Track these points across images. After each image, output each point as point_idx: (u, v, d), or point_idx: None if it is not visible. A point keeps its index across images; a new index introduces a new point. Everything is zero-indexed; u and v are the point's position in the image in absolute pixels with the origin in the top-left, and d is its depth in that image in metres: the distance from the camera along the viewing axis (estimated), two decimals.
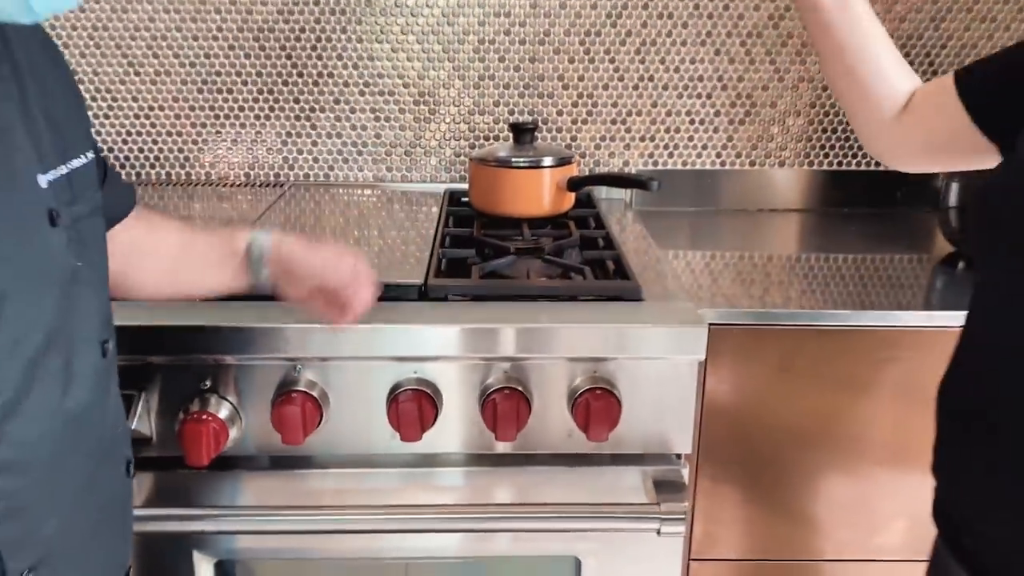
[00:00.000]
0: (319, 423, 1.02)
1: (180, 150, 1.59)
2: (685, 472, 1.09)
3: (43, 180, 0.67)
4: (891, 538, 1.20)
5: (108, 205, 0.81)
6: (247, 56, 1.53)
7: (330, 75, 1.55)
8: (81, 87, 1.53)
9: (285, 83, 1.55)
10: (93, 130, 1.53)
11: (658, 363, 1.04)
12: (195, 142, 1.58)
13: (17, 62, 0.67)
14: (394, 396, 1.03)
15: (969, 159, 0.90)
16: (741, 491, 1.20)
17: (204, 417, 1.01)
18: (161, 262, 0.93)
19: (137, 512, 1.01)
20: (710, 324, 1.09)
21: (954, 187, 1.37)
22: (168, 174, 1.60)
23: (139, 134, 1.57)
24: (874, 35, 0.94)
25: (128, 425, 0.88)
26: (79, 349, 0.71)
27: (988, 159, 0.87)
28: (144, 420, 1.03)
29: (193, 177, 1.60)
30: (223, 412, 1.02)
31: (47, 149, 0.69)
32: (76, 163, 0.73)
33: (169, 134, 1.58)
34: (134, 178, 1.59)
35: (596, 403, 1.03)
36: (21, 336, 0.64)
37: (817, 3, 0.94)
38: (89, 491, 0.75)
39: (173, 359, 1.02)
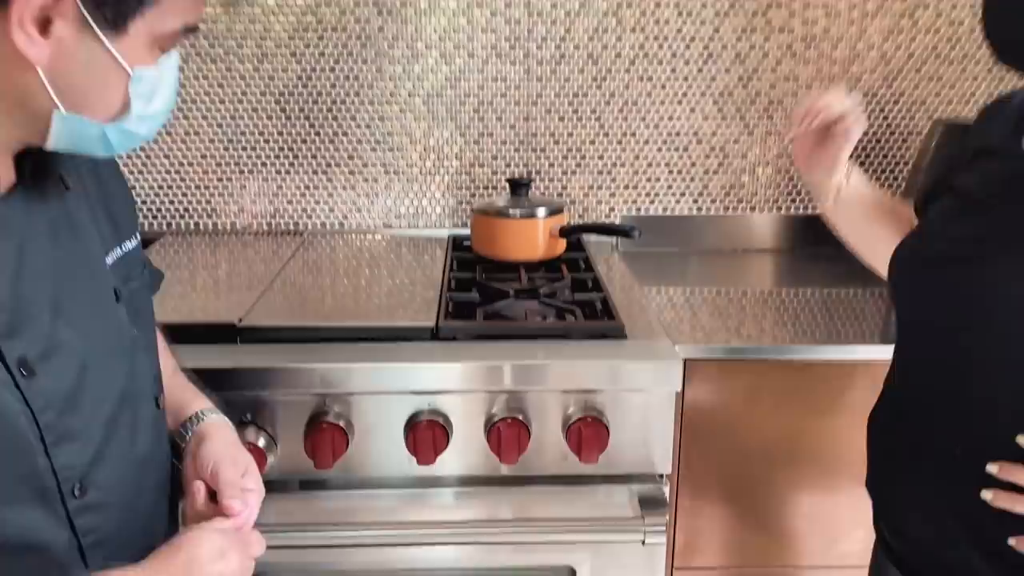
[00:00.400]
0: (346, 450, 1.17)
1: (208, 202, 1.74)
2: (666, 490, 1.24)
3: (107, 262, 0.81)
4: (852, 546, 1.35)
5: (150, 275, 0.93)
6: (269, 117, 1.69)
7: (344, 134, 1.71)
8: (132, 157, 1.68)
9: (304, 141, 1.71)
10: (136, 183, 1.68)
11: (641, 394, 1.19)
12: (221, 195, 1.74)
13: (82, 162, 0.80)
14: (411, 425, 1.17)
15: None
16: (718, 506, 1.35)
17: (247, 444, 1.15)
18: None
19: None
20: (686, 359, 1.25)
21: None
22: (196, 224, 1.75)
23: (170, 188, 1.73)
24: (868, 234, 1.08)
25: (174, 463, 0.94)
26: (141, 405, 0.83)
27: None
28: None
29: (219, 227, 1.76)
30: (261, 441, 1.17)
31: (107, 234, 0.82)
32: (128, 245, 0.86)
33: (198, 187, 1.73)
34: (165, 228, 1.74)
35: (587, 430, 1.18)
36: (101, 398, 0.76)
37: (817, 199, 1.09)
38: (152, 524, 0.87)
39: (217, 395, 1.17)
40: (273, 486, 1.21)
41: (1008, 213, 0.83)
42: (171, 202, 1.74)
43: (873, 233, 1.07)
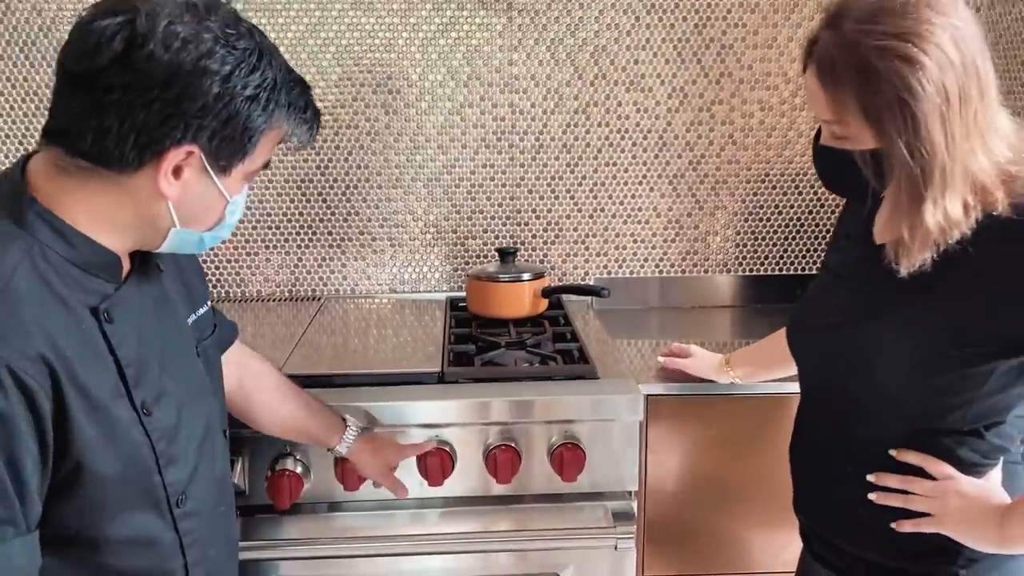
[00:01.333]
0: None
1: (237, 273, 2.01)
2: (634, 504, 1.49)
3: (189, 322, 1.06)
4: (793, 553, 1.59)
5: (222, 337, 1.18)
6: (291, 200, 1.98)
7: (356, 213, 2.00)
8: None
9: (321, 220, 2.00)
10: None
11: (611, 424, 1.45)
12: (248, 267, 2.01)
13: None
14: (423, 454, 1.43)
15: None
16: (678, 520, 1.59)
17: (286, 473, 1.40)
18: (269, 405, 1.30)
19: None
20: (648, 395, 1.52)
21: None
22: (226, 292, 2.02)
23: (204, 262, 2.00)
24: (783, 371, 1.42)
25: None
26: (216, 436, 1.07)
27: None
28: (242, 477, 1.42)
29: (246, 294, 2.02)
30: (299, 468, 1.42)
31: (185, 301, 1.07)
32: (201, 311, 1.10)
33: (228, 261, 2.00)
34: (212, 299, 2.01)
35: (568, 454, 1.43)
36: (192, 431, 0.99)
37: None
38: (227, 530, 1.11)
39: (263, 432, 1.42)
40: (307, 508, 1.46)
41: (867, 289, 1.07)
42: (206, 275, 2.00)
43: (785, 369, 1.39)
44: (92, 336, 0.86)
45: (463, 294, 1.94)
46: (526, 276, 1.81)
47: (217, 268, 2.01)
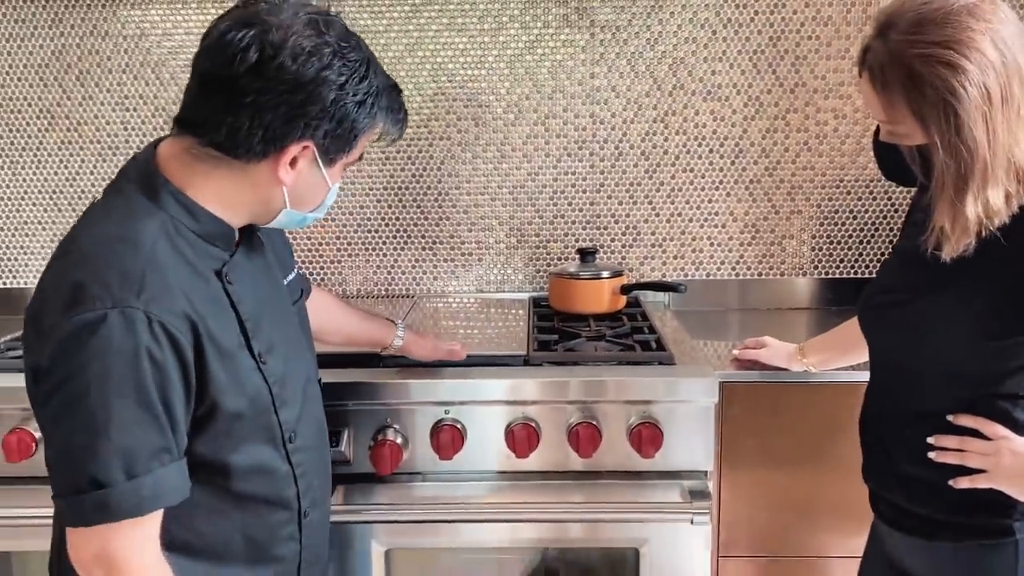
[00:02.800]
0: (462, 446, 1.54)
1: (339, 272, 2.19)
2: (710, 484, 1.57)
3: (285, 283, 1.22)
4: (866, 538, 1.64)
5: (305, 290, 1.34)
6: (389, 206, 2.15)
7: (447, 218, 2.15)
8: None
9: (415, 224, 2.16)
10: None
11: (687, 405, 1.54)
12: (349, 267, 2.18)
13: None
14: (510, 428, 1.54)
15: None
16: (752, 500, 1.66)
17: (387, 442, 1.54)
18: (334, 321, 1.50)
19: (334, 511, 1.51)
20: (722, 381, 1.60)
21: None
22: (330, 289, 2.19)
23: (310, 262, 2.18)
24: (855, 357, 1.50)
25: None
26: (313, 384, 1.22)
27: None
28: (347, 447, 1.56)
29: (348, 292, 2.19)
30: (399, 440, 1.55)
31: (280, 267, 1.22)
32: (291, 276, 1.26)
33: (331, 262, 2.18)
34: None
35: (646, 432, 1.53)
36: (297, 378, 1.13)
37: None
38: (326, 466, 1.23)
39: (366, 404, 1.56)
40: (406, 477, 1.59)
41: (926, 266, 1.13)
42: (310, 273, 2.19)
43: (859, 355, 1.46)
44: (218, 295, 1.01)
45: (545, 294, 2.06)
46: (605, 273, 1.92)
47: (321, 268, 2.18)
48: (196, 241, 1.00)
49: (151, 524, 0.95)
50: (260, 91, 0.95)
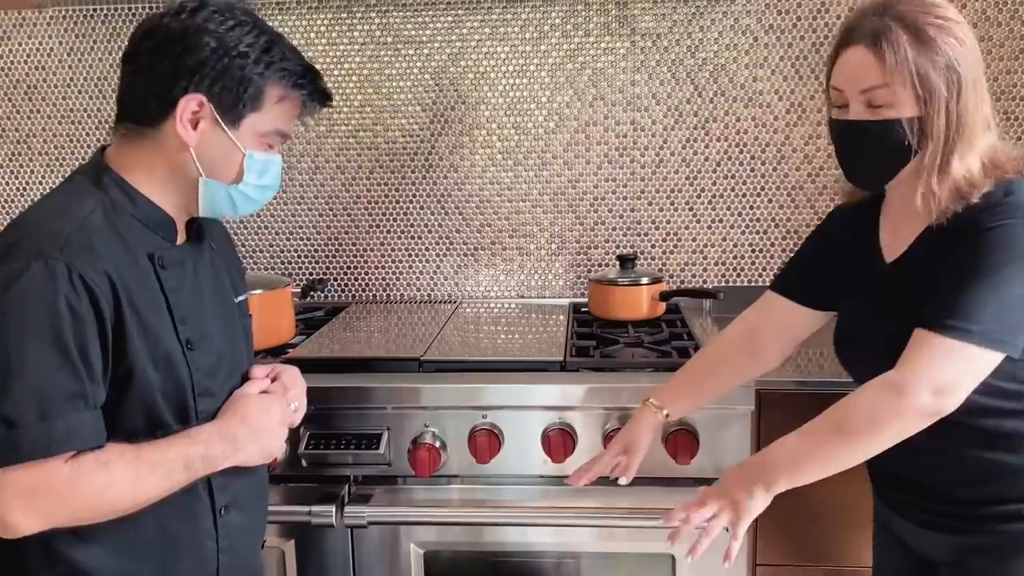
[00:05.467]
0: (499, 450, 1.57)
1: (383, 279, 2.24)
2: None
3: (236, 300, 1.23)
4: None
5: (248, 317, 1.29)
6: (432, 213, 2.19)
7: (489, 225, 2.19)
8: (320, 242, 2.21)
9: (457, 231, 2.20)
10: (330, 265, 2.19)
11: (724, 412, 1.55)
12: (392, 273, 2.23)
13: (219, 239, 1.22)
14: (546, 433, 1.57)
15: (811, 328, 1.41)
16: (790, 507, 1.65)
17: (426, 446, 1.57)
18: None
19: (371, 511, 1.57)
20: (758, 388, 1.60)
21: None
22: (375, 295, 2.24)
23: (356, 269, 2.23)
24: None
25: None
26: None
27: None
28: (387, 449, 1.60)
29: (392, 297, 2.24)
30: (437, 443, 1.59)
31: (232, 286, 1.23)
32: (240, 298, 1.25)
33: (375, 267, 2.23)
34: (351, 299, 2.24)
35: (682, 439, 1.54)
36: (228, 377, 1.14)
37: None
38: (257, 475, 1.20)
39: (405, 408, 1.60)
40: (444, 480, 1.62)
41: (899, 302, 1.17)
42: (356, 280, 2.24)
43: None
44: (148, 275, 1.03)
45: (585, 299, 2.08)
46: (645, 280, 1.93)
47: (366, 274, 2.24)
48: (134, 224, 1.05)
49: (61, 460, 0.94)
50: (148, 51, 1.03)
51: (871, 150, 1.13)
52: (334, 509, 1.56)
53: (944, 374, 1.05)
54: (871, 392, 1.08)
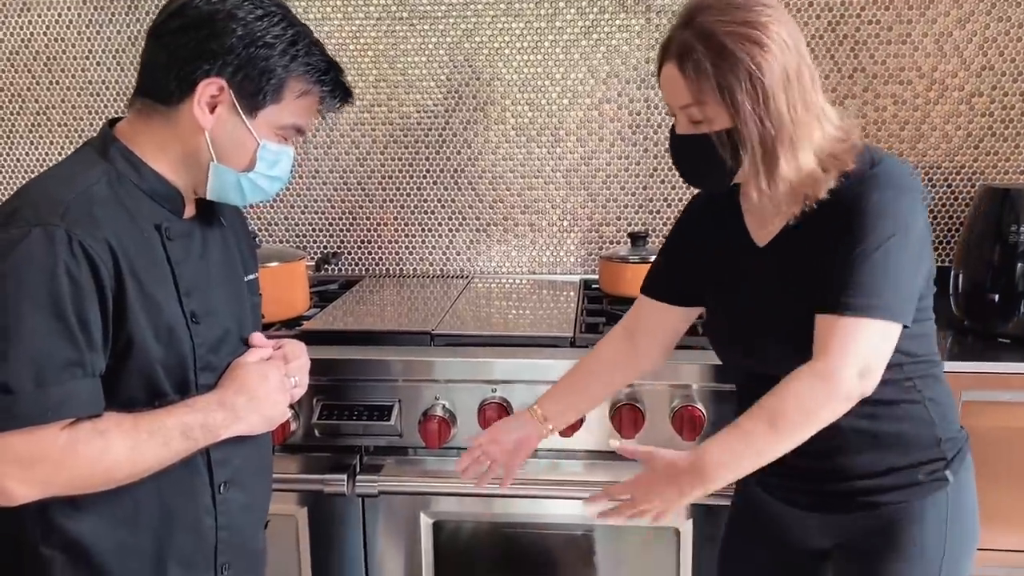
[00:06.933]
0: None
1: (396, 253, 2.26)
2: None
3: (245, 279, 1.23)
4: None
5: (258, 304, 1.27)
6: (445, 189, 2.20)
7: (501, 201, 2.20)
8: (335, 216, 2.24)
9: (470, 207, 2.21)
10: (344, 239, 2.21)
11: (729, 389, 1.56)
12: (406, 248, 2.25)
13: (229, 216, 1.21)
14: None
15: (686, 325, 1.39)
16: None
17: (436, 418, 1.60)
18: None
19: (383, 481, 1.60)
20: None
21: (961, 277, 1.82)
22: (388, 269, 2.27)
23: (370, 243, 2.26)
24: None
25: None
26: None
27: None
28: (398, 421, 1.63)
29: (404, 271, 2.27)
30: (447, 415, 1.62)
31: (242, 263, 1.21)
32: (251, 276, 1.23)
33: (388, 242, 2.25)
34: (365, 273, 2.27)
35: (688, 415, 1.56)
36: (232, 353, 1.12)
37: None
38: (259, 456, 1.18)
39: (416, 380, 1.63)
40: (454, 452, 1.65)
41: (776, 286, 1.19)
42: (370, 254, 2.27)
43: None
44: (153, 246, 1.03)
45: (596, 276, 2.09)
46: (654, 257, 1.93)
47: (379, 248, 2.26)
48: (140, 195, 1.04)
49: (58, 428, 0.94)
50: (175, 30, 1.02)
51: (697, 162, 1.16)
52: (346, 478, 1.60)
53: (863, 354, 1.06)
54: (799, 384, 1.07)
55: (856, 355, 1.05)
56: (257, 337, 1.17)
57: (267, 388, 1.10)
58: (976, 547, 1.24)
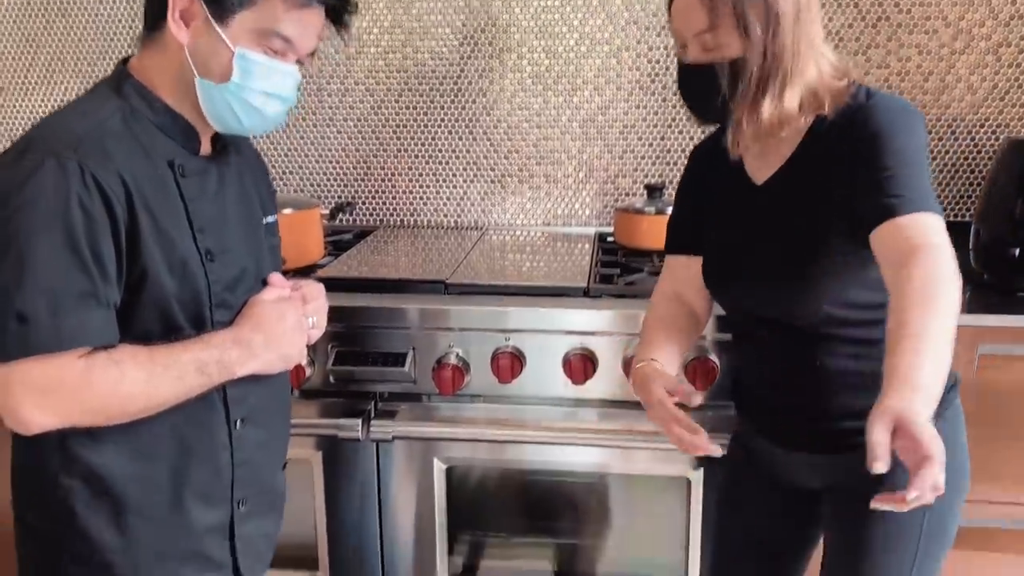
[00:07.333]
0: (521, 371, 1.61)
1: (411, 203, 2.25)
2: None
3: (264, 221, 1.23)
4: None
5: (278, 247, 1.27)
6: (459, 139, 2.19)
7: (516, 151, 2.18)
8: (349, 165, 2.23)
9: (485, 157, 2.20)
10: (358, 188, 2.21)
11: None
12: (420, 199, 2.25)
13: (245, 151, 1.22)
14: (567, 357, 1.59)
15: None
16: None
17: (449, 365, 1.61)
18: None
19: (397, 426, 1.62)
20: None
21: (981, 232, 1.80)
22: (402, 220, 2.26)
23: (383, 194, 2.25)
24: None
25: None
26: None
27: None
28: (411, 368, 1.64)
29: (419, 222, 2.26)
30: (460, 363, 1.63)
31: (260, 204, 1.21)
32: (270, 219, 1.24)
33: (402, 192, 2.25)
34: (379, 223, 2.27)
35: (700, 366, 1.56)
36: (248, 292, 1.12)
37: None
38: (275, 395, 1.20)
39: (431, 328, 1.63)
40: (466, 399, 1.67)
41: (778, 224, 1.20)
42: (384, 204, 2.26)
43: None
44: (167, 182, 1.03)
45: (611, 229, 2.08)
46: (671, 209, 1.92)
47: (394, 198, 2.25)
48: (154, 131, 1.04)
49: (74, 357, 0.95)
50: None
51: (704, 91, 1.16)
52: (360, 423, 1.61)
53: (946, 239, 1.04)
54: (930, 266, 0.99)
55: (941, 234, 1.04)
56: (275, 277, 1.17)
57: (283, 326, 1.10)
58: (966, 491, 1.23)
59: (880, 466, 0.92)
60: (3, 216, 0.94)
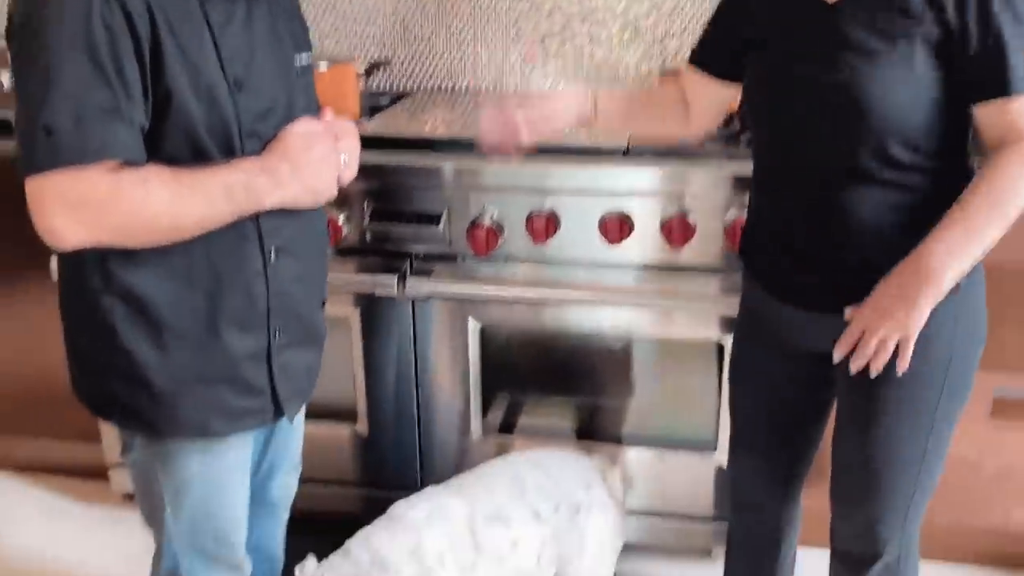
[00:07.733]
0: (556, 231, 1.59)
1: (448, 66, 2.18)
2: None
3: (297, 64, 1.19)
4: None
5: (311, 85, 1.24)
6: None
7: (559, 9, 2.08)
8: (387, 26, 2.16)
9: (526, 17, 2.10)
10: (396, 50, 2.15)
11: None
12: (458, 60, 2.17)
13: None
14: (603, 218, 1.57)
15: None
16: None
17: (484, 226, 1.60)
18: None
19: (432, 285, 1.63)
20: None
21: None
22: (439, 85, 2.21)
23: (421, 54, 2.19)
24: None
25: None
26: None
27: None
28: (445, 228, 1.64)
29: (457, 87, 2.20)
30: (495, 225, 1.61)
31: (292, 41, 1.17)
32: (304, 55, 1.20)
33: (440, 54, 2.18)
34: (415, 87, 2.22)
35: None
36: (281, 126, 1.10)
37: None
38: (308, 220, 1.17)
39: (464, 189, 1.62)
40: (500, 260, 1.66)
41: (845, 42, 1.10)
42: (422, 67, 2.20)
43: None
44: (193, 8, 1.02)
45: None
46: (704, 27, 1.83)
47: (431, 61, 2.19)
48: None
49: (102, 171, 0.96)
50: None
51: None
52: (396, 280, 1.63)
53: None
54: (1011, 166, 1.05)
55: None
56: (308, 117, 1.15)
57: (309, 157, 1.10)
58: (983, 343, 1.20)
59: (837, 356, 1.13)
60: (28, 32, 0.95)
